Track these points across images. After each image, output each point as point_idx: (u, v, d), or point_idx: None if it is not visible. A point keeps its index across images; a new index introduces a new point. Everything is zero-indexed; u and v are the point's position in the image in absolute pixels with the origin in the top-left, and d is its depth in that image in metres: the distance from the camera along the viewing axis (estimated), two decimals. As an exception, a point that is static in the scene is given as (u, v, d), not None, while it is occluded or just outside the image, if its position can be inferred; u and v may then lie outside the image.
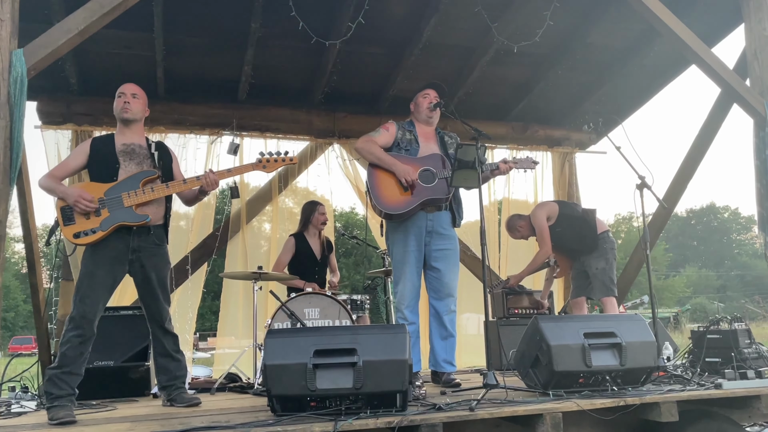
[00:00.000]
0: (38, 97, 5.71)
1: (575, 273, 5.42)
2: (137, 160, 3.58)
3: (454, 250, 4.16)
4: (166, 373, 3.65)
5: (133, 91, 3.67)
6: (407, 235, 4.07)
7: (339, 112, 6.52)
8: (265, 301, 5.77)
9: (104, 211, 3.38)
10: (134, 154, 3.60)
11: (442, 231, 4.11)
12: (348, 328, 3.98)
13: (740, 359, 3.80)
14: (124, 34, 5.15)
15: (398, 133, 4.16)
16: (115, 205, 3.40)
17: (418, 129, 4.22)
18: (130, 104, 3.62)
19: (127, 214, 3.41)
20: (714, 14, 5.40)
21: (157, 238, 3.59)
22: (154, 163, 3.59)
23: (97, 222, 3.36)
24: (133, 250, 3.48)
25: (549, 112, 7.05)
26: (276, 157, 3.71)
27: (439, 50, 5.80)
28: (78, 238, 3.35)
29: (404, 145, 4.13)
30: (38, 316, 5.05)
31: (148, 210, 3.49)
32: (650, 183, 4.30)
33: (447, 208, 4.14)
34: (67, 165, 3.59)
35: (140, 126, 3.72)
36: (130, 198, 3.42)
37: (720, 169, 75.66)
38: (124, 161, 3.54)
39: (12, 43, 3.17)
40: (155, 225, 3.57)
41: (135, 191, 3.44)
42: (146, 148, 3.66)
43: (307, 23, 4.70)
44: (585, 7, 5.48)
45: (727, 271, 52.57)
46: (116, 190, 3.43)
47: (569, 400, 3.04)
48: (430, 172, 4.04)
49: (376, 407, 2.83)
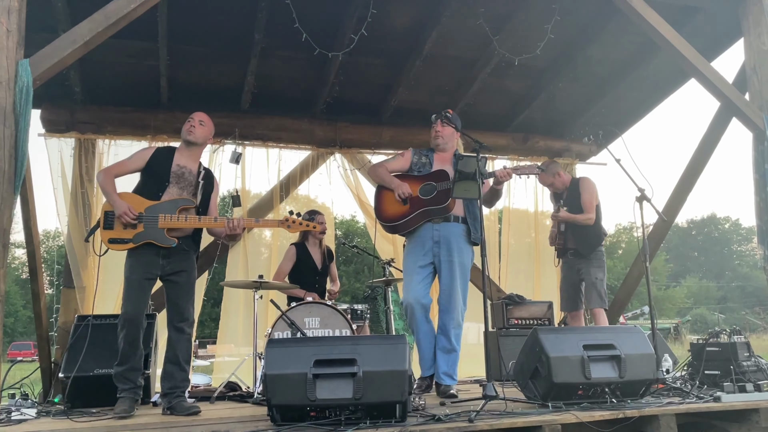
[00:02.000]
0: (42, 105, 5.74)
1: (566, 284, 5.35)
2: (182, 185, 3.87)
3: (461, 264, 4.15)
4: (170, 381, 3.78)
5: (201, 118, 3.99)
6: (414, 247, 4.23)
7: (341, 122, 6.55)
8: (265, 310, 5.78)
9: (140, 225, 3.68)
10: (182, 178, 3.88)
11: (450, 242, 4.15)
12: (348, 338, 4.00)
13: (739, 372, 3.81)
14: (128, 44, 5.19)
15: (414, 158, 4.36)
16: (151, 223, 3.69)
17: (435, 155, 4.37)
18: (196, 129, 3.93)
19: (158, 235, 3.71)
20: (713, 28, 5.43)
21: (185, 246, 3.85)
22: (195, 193, 3.87)
23: (131, 234, 3.67)
24: (164, 256, 3.76)
25: (549, 124, 7.08)
26: (302, 221, 3.96)
27: (440, 62, 5.84)
28: (112, 243, 3.69)
29: (417, 168, 4.32)
30: (39, 323, 5.05)
31: (178, 234, 3.77)
32: (650, 195, 4.33)
33: (461, 221, 4.21)
34: (125, 165, 3.90)
35: (200, 151, 4.02)
36: (165, 221, 3.70)
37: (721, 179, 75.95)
38: (174, 183, 3.84)
39: (18, 53, 3.20)
40: (184, 237, 3.84)
41: (171, 216, 3.73)
42: (195, 175, 3.93)
43: (310, 35, 4.75)
44: (586, 21, 5.52)
45: (727, 282, 52.48)
46: (156, 209, 3.72)
47: (568, 412, 3.05)
48: (430, 186, 4.18)
49: (375, 418, 2.84)
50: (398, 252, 6.31)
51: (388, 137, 6.66)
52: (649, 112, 6.95)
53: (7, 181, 3.03)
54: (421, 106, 6.35)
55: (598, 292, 5.10)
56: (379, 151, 6.73)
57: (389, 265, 5.56)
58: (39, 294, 4.94)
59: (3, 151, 3.02)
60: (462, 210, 4.23)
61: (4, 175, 3.00)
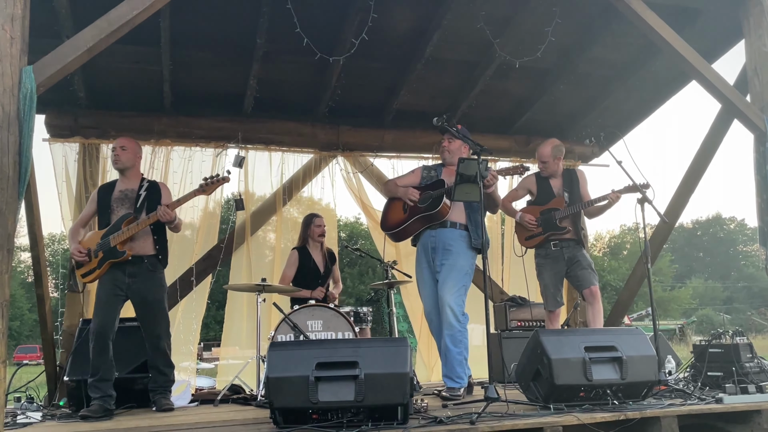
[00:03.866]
0: (46, 111, 5.77)
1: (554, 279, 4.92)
2: (127, 205, 4.24)
3: (453, 266, 4.18)
4: (153, 382, 4.27)
5: (122, 144, 4.33)
6: (419, 255, 4.44)
7: (343, 125, 6.56)
8: (268, 313, 5.80)
9: (100, 253, 4.13)
10: (126, 199, 4.27)
11: (445, 246, 4.24)
12: (350, 340, 4.03)
13: (741, 373, 3.81)
14: (131, 49, 5.22)
15: (423, 173, 4.56)
16: (106, 247, 4.11)
17: (444, 169, 4.50)
18: (120, 156, 4.29)
19: (112, 253, 4.10)
20: (714, 30, 5.43)
21: (150, 266, 4.22)
22: (136, 206, 4.22)
23: (95, 263, 4.15)
24: (129, 275, 4.14)
25: (551, 126, 7.08)
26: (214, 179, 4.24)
27: (441, 65, 5.86)
28: (85, 277, 4.21)
29: (425, 182, 4.49)
30: (44, 327, 5.09)
31: (132, 245, 4.14)
32: (651, 197, 4.33)
33: (460, 227, 4.27)
34: (84, 215, 4.43)
35: (135, 171, 4.39)
36: (114, 239, 4.10)
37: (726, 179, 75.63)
38: (117, 207, 4.24)
39: (22, 60, 3.22)
40: (147, 255, 4.21)
41: (118, 233, 4.11)
42: (136, 190, 4.29)
43: (311, 39, 4.77)
44: (587, 23, 5.53)
45: (733, 282, 52.23)
46: (107, 233, 4.15)
47: (570, 414, 3.07)
48: (427, 194, 4.34)
49: (377, 420, 2.86)
50: (401, 255, 6.32)
51: (390, 140, 6.67)
52: (651, 114, 6.96)
53: (12, 186, 3.05)
54: (423, 109, 6.37)
55: (593, 270, 4.86)
56: (381, 154, 6.74)
57: (392, 268, 5.57)
58: (44, 298, 4.98)
59: (7, 157, 3.04)
60: (463, 217, 4.29)
61: (8, 181, 3.03)
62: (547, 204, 4.94)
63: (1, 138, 3.03)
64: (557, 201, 4.93)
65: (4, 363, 2.90)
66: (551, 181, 5.00)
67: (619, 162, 4.46)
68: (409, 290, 6.84)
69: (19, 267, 34.90)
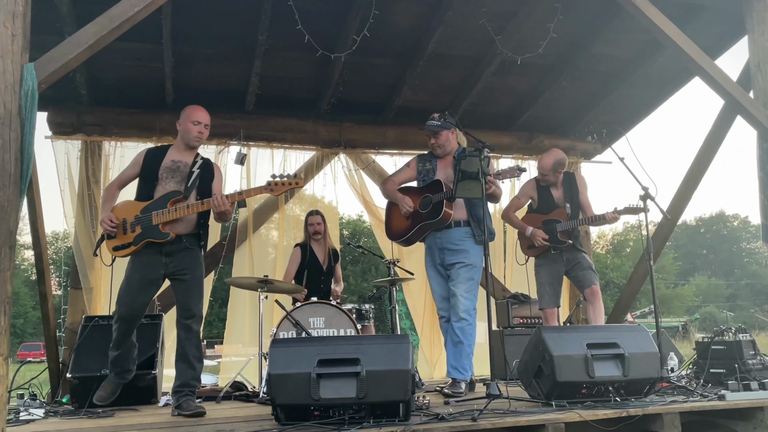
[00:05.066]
0: (48, 108, 5.78)
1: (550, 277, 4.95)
2: (178, 179, 3.88)
3: (464, 263, 4.24)
4: (179, 378, 3.79)
5: (207, 122, 3.97)
6: (427, 257, 4.47)
7: (345, 122, 6.56)
8: (271, 310, 5.81)
9: (138, 227, 3.78)
10: (177, 172, 3.90)
11: (452, 246, 4.29)
12: (351, 337, 4.02)
13: (744, 370, 3.81)
14: (133, 46, 5.22)
15: (419, 166, 4.53)
16: (146, 223, 3.77)
17: (439, 161, 4.48)
18: (203, 133, 3.97)
19: (153, 232, 3.76)
20: (717, 26, 5.41)
21: (189, 243, 3.87)
22: (187, 184, 3.86)
23: (131, 237, 3.79)
24: (166, 254, 3.80)
25: (554, 122, 7.07)
26: (284, 181, 3.80)
27: (443, 61, 5.84)
28: (116, 251, 3.83)
29: (423, 175, 4.48)
30: (47, 325, 5.10)
31: (175, 226, 3.79)
32: (654, 194, 4.32)
33: (464, 224, 4.30)
34: (125, 175, 4.02)
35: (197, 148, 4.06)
36: (158, 217, 3.75)
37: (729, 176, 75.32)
38: (164, 179, 3.87)
39: (24, 57, 3.22)
40: (187, 234, 3.86)
41: (163, 211, 3.76)
42: (189, 166, 3.93)
43: (313, 36, 4.76)
44: (589, 19, 5.51)
45: (737, 279, 52.14)
46: (150, 208, 3.79)
47: (572, 411, 3.06)
48: (428, 198, 4.34)
49: (379, 417, 2.86)
50: (403, 252, 6.31)
51: (392, 137, 6.66)
52: (654, 111, 6.93)
53: (13, 184, 3.05)
54: (426, 105, 6.35)
55: (593, 270, 4.94)
56: (383, 150, 6.74)
57: (394, 265, 5.57)
58: (47, 295, 4.98)
59: (9, 154, 3.04)
60: (465, 213, 4.31)
61: (10, 178, 3.03)
62: (550, 214, 5.00)
63: (2, 135, 3.03)
64: (559, 212, 4.98)
65: (6, 360, 2.90)
66: (552, 190, 5.07)
67: (622, 159, 4.44)
68: (412, 288, 6.84)
69: (23, 265, 35.02)
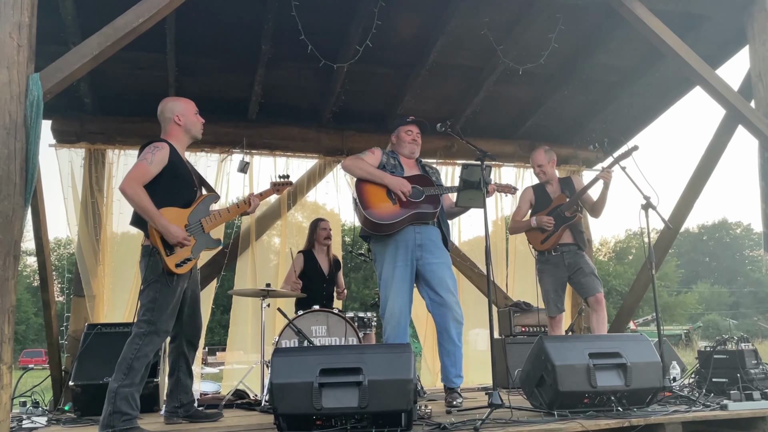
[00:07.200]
0: (53, 116, 5.83)
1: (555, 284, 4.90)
2: (197, 179, 3.61)
3: (445, 263, 4.12)
4: (188, 392, 3.69)
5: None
6: (396, 250, 4.03)
7: (347, 130, 6.59)
8: (273, 317, 5.82)
9: (192, 238, 3.38)
10: (194, 172, 3.63)
11: (432, 244, 4.09)
12: (354, 347, 4.02)
13: (747, 380, 3.81)
14: (137, 55, 5.26)
15: (383, 158, 4.23)
16: (198, 231, 3.43)
17: (402, 159, 4.31)
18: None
19: (207, 240, 3.48)
20: (718, 36, 5.42)
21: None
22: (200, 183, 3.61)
23: (188, 251, 3.37)
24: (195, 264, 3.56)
25: (556, 131, 7.09)
26: (284, 181, 3.91)
27: (445, 70, 5.87)
28: (179, 267, 3.34)
29: (389, 168, 4.19)
30: (50, 332, 5.11)
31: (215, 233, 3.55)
32: (655, 203, 4.33)
33: (435, 224, 4.18)
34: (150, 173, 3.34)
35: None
36: (207, 224, 3.47)
37: (732, 184, 75.30)
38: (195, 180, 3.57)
39: (29, 67, 3.25)
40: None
41: (208, 217, 3.48)
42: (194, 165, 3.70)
43: (315, 46, 4.79)
44: (590, 29, 5.53)
45: (739, 287, 51.99)
46: (195, 215, 3.45)
47: (574, 421, 3.06)
48: (417, 189, 4.10)
49: (381, 426, 2.86)
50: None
51: (394, 145, 6.68)
52: (655, 120, 6.95)
53: (18, 193, 3.08)
54: (428, 114, 6.30)
55: (596, 276, 4.85)
56: (385, 159, 6.75)
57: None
58: (50, 303, 5.00)
59: (14, 164, 3.07)
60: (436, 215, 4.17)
61: (15, 188, 3.05)
62: (550, 205, 4.99)
63: (8, 145, 3.06)
64: (559, 198, 4.98)
65: (9, 368, 2.91)
66: (547, 187, 5.06)
67: (623, 168, 4.47)
68: (414, 295, 6.83)
69: (25, 271, 35.09)
